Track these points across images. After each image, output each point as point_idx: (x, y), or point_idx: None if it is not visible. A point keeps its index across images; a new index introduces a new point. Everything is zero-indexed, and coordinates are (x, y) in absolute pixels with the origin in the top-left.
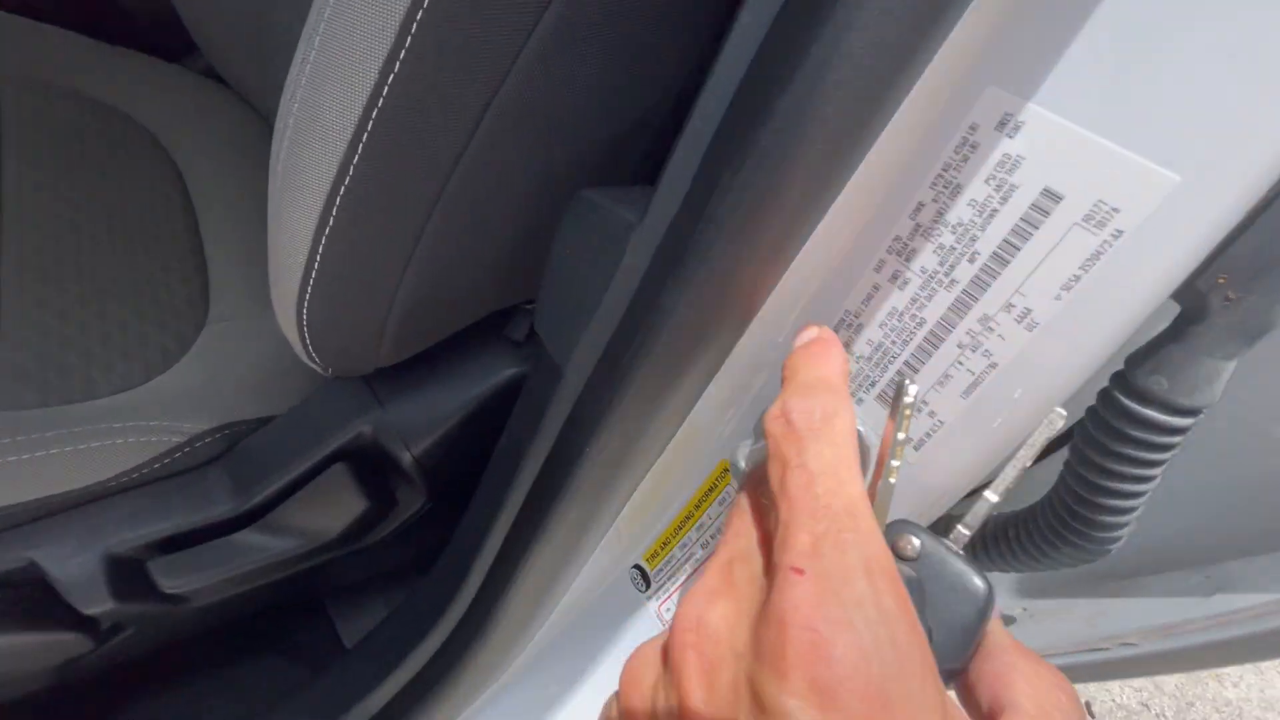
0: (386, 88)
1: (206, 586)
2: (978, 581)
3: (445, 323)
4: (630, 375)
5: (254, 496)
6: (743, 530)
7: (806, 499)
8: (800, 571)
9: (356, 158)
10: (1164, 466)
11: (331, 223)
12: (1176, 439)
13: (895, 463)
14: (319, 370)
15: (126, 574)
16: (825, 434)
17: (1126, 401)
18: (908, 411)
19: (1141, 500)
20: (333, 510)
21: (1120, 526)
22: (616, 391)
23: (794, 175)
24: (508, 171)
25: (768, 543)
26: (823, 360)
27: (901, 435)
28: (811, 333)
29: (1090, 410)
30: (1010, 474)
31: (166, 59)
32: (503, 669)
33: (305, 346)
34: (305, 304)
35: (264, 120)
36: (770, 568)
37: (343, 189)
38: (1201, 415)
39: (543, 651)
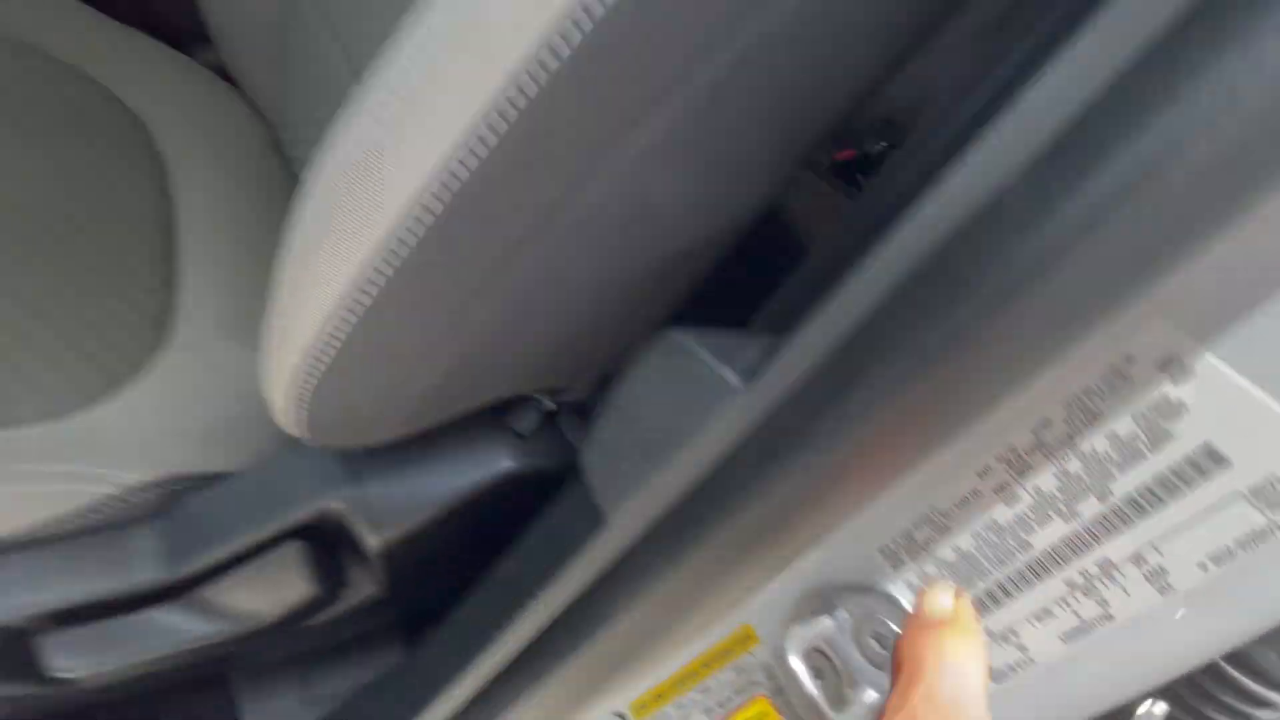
0: (506, 127)
1: (105, 672)
2: None
3: (460, 406)
4: (687, 554)
5: (187, 566)
6: None
7: None
8: None
9: (441, 210)
10: None
11: (385, 282)
12: None
13: None
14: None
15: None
16: None
17: (1237, 674)
18: None
19: None
20: (273, 592)
21: None
22: (669, 565)
23: (973, 373)
24: (584, 254)
25: None
26: (968, 668)
27: None
28: (943, 601)
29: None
30: None
31: (175, 47)
32: None
33: (302, 422)
34: (319, 380)
35: (272, 130)
36: None
37: (416, 240)
38: None
39: None
